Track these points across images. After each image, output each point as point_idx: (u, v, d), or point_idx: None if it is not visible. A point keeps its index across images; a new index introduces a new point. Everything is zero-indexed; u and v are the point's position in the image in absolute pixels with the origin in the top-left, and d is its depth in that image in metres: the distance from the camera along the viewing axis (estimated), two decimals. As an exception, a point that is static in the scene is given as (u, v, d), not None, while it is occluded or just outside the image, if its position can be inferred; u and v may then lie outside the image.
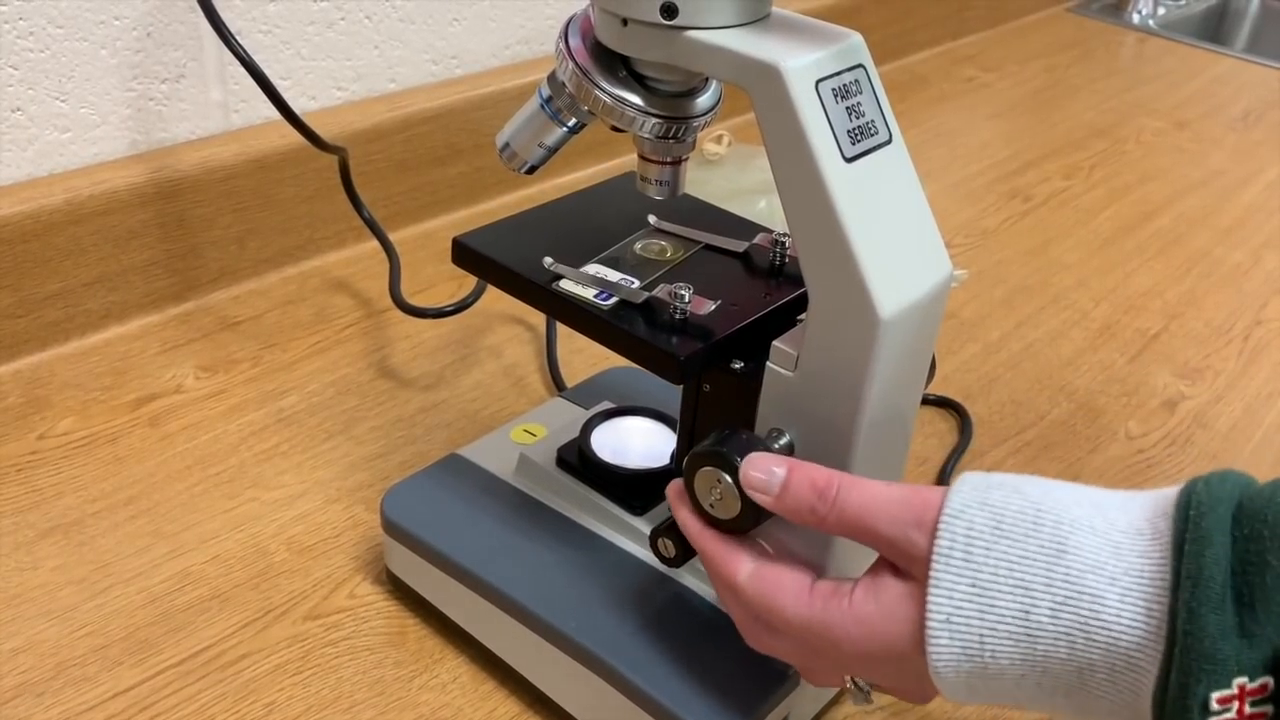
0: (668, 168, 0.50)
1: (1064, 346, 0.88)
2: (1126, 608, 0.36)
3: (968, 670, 0.39)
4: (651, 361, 0.48)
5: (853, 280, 0.43)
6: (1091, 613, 0.36)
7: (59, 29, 0.72)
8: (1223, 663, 0.34)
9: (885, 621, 0.41)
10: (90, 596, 0.59)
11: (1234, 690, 0.34)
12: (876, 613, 0.41)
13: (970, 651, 0.38)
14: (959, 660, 0.39)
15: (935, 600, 0.39)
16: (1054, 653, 0.37)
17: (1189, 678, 0.34)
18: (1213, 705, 0.34)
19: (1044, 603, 0.37)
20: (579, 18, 0.49)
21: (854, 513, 0.42)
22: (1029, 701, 0.39)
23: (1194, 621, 0.34)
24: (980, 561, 0.38)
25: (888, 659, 0.41)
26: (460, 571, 0.56)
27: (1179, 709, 0.34)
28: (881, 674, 0.43)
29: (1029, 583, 0.38)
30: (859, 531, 0.42)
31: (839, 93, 0.43)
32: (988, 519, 0.39)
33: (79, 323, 0.77)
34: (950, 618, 0.39)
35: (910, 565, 0.41)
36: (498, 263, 0.52)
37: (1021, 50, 1.52)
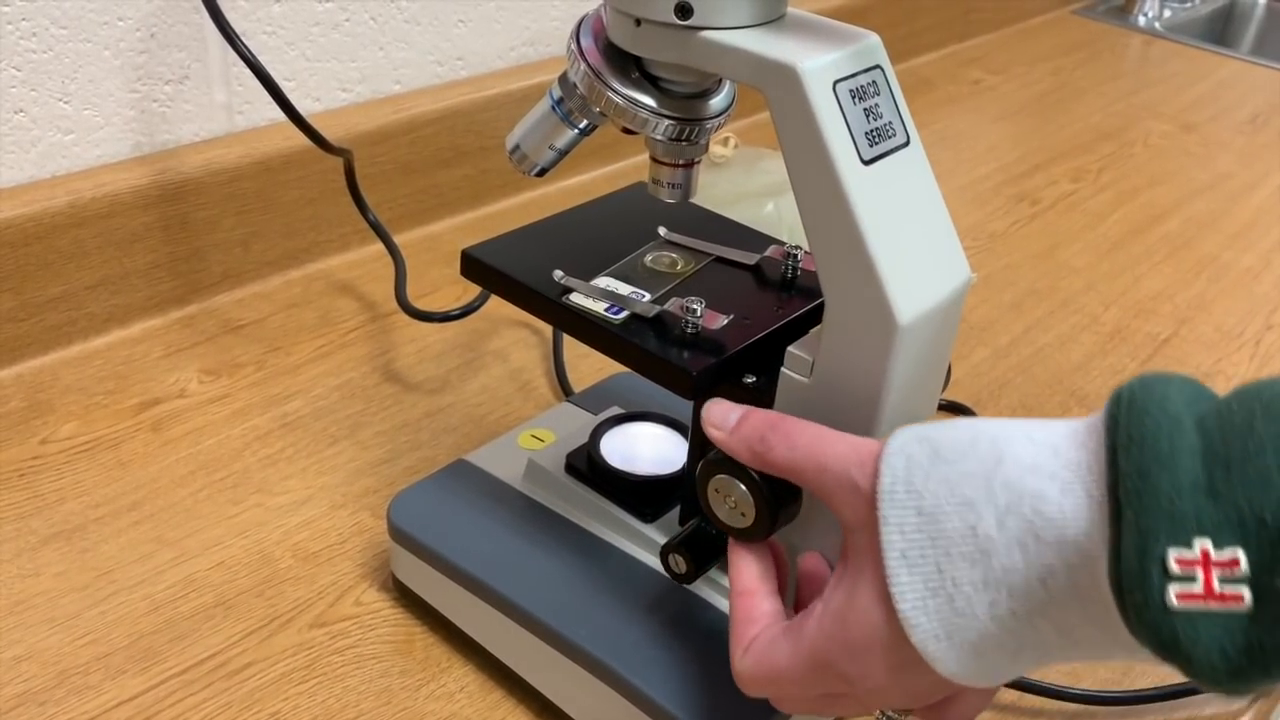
0: (680, 170, 0.49)
1: (1074, 351, 0.87)
2: (1069, 499, 0.34)
3: (935, 609, 0.37)
4: (663, 377, 0.47)
5: (870, 285, 0.42)
6: (1035, 511, 0.35)
7: (62, 30, 0.72)
8: (1180, 518, 0.32)
9: (851, 604, 0.40)
10: (93, 604, 0.59)
11: (1196, 553, 0.31)
12: (844, 599, 0.40)
13: (931, 584, 0.37)
14: (923, 597, 0.37)
15: (887, 537, 0.38)
16: (1011, 564, 0.35)
17: (1144, 537, 0.32)
18: (1172, 566, 0.32)
19: (988, 515, 0.36)
20: (591, 18, 0.48)
21: (803, 444, 0.42)
22: (1017, 645, 0.37)
23: (1144, 479, 0.32)
24: (921, 488, 0.37)
25: (873, 646, 0.39)
26: (468, 579, 0.55)
27: (1137, 576, 0.32)
28: (878, 675, 0.40)
29: (971, 498, 0.36)
30: (807, 467, 0.42)
31: (856, 94, 0.43)
32: (925, 449, 0.38)
33: (81, 326, 0.77)
34: (905, 553, 0.37)
35: (855, 515, 0.40)
36: (507, 275, 0.52)
37: (1027, 52, 1.51)
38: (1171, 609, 0.32)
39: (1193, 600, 0.31)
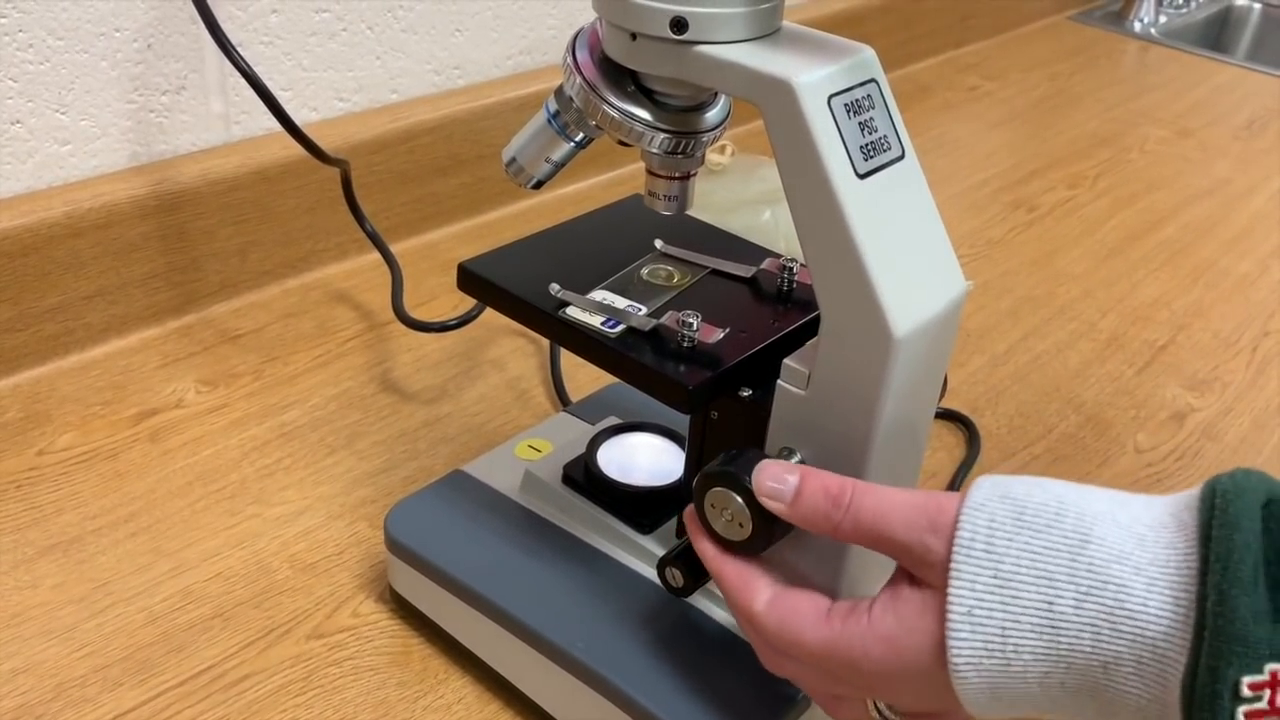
0: (676, 183, 0.49)
1: (1071, 358, 0.87)
2: (1153, 596, 0.35)
3: (989, 669, 0.37)
4: (660, 390, 0.47)
5: (866, 298, 0.42)
6: (1117, 602, 0.36)
7: (59, 41, 0.72)
8: (1254, 645, 0.33)
9: (905, 634, 0.40)
10: (90, 615, 0.59)
11: (1266, 676, 0.33)
12: (896, 626, 0.40)
13: (992, 646, 0.37)
14: (980, 656, 0.37)
15: (956, 592, 0.38)
16: (1078, 645, 0.36)
17: (1219, 661, 0.33)
18: (1244, 690, 0.33)
19: (1068, 593, 0.36)
20: (587, 31, 0.48)
21: (869, 518, 0.41)
22: (1052, 706, 0.38)
23: (1224, 603, 0.34)
24: (1002, 552, 0.38)
25: (909, 676, 0.40)
26: (465, 591, 0.55)
27: (1209, 695, 0.33)
28: (904, 694, 0.42)
29: (1052, 573, 0.37)
30: (874, 538, 0.41)
31: (851, 108, 0.43)
32: (1009, 510, 0.38)
33: (79, 336, 0.77)
34: (972, 610, 0.38)
35: (927, 573, 0.40)
36: (503, 289, 0.52)
37: (1024, 59, 1.51)
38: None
39: (1258, 718, 0.33)
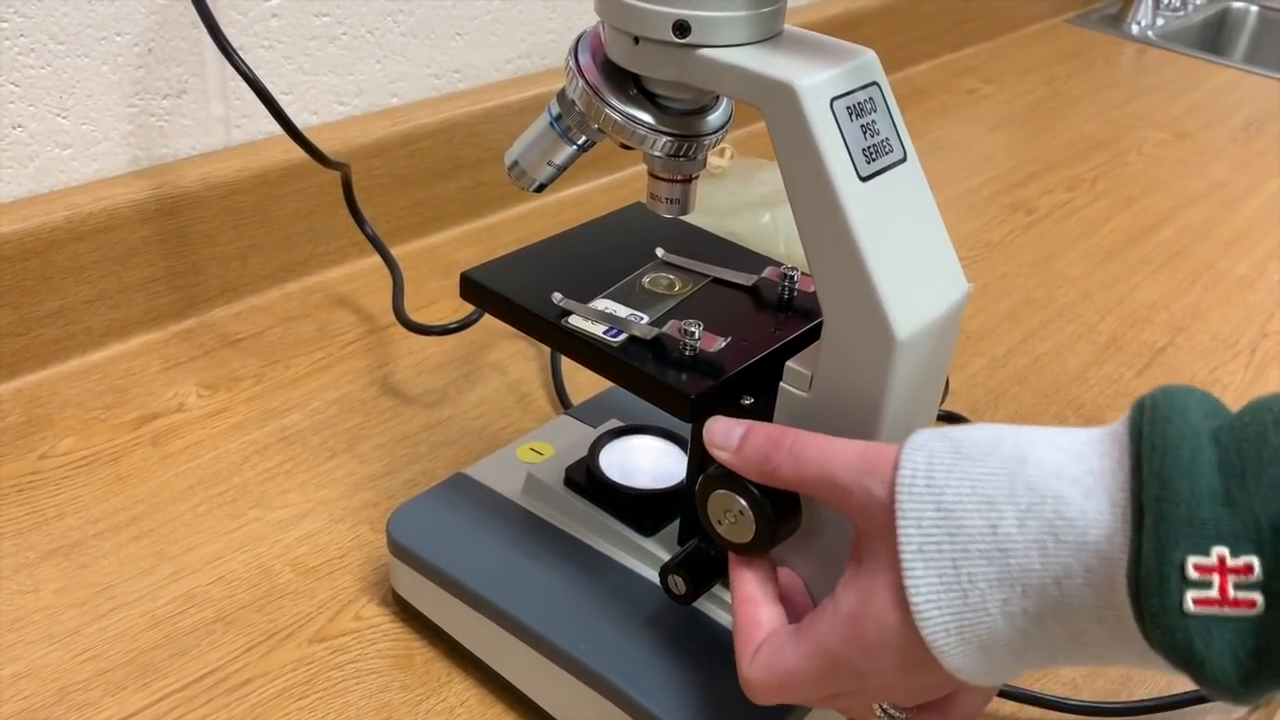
0: (678, 185, 0.50)
1: (1070, 360, 0.88)
2: (1090, 502, 0.35)
3: (949, 605, 0.37)
4: (662, 399, 0.47)
5: (869, 300, 0.42)
6: (1056, 514, 0.36)
7: (60, 45, 0.72)
8: (1199, 526, 0.33)
9: (866, 602, 0.40)
10: (93, 619, 0.59)
11: (1213, 560, 0.32)
12: (856, 598, 0.41)
13: (947, 579, 0.37)
14: (938, 592, 0.37)
15: (904, 531, 0.38)
16: (1028, 564, 0.36)
17: (1163, 543, 0.33)
18: (1190, 572, 0.32)
19: (1010, 514, 0.36)
20: (589, 35, 0.48)
21: (811, 458, 0.42)
22: (1025, 644, 0.37)
23: (1166, 487, 0.33)
24: (942, 484, 0.38)
25: (885, 645, 0.40)
26: (467, 594, 0.55)
27: (1155, 580, 0.33)
28: (889, 673, 0.41)
29: (992, 497, 0.37)
30: (815, 479, 0.42)
31: (854, 110, 0.43)
32: (947, 447, 0.39)
33: (80, 340, 0.77)
34: (921, 546, 0.38)
35: (870, 520, 0.40)
36: (506, 298, 0.52)
37: (1021, 61, 1.52)
38: (1188, 613, 0.32)
39: (1208, 605, 0.32)
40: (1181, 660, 0.33)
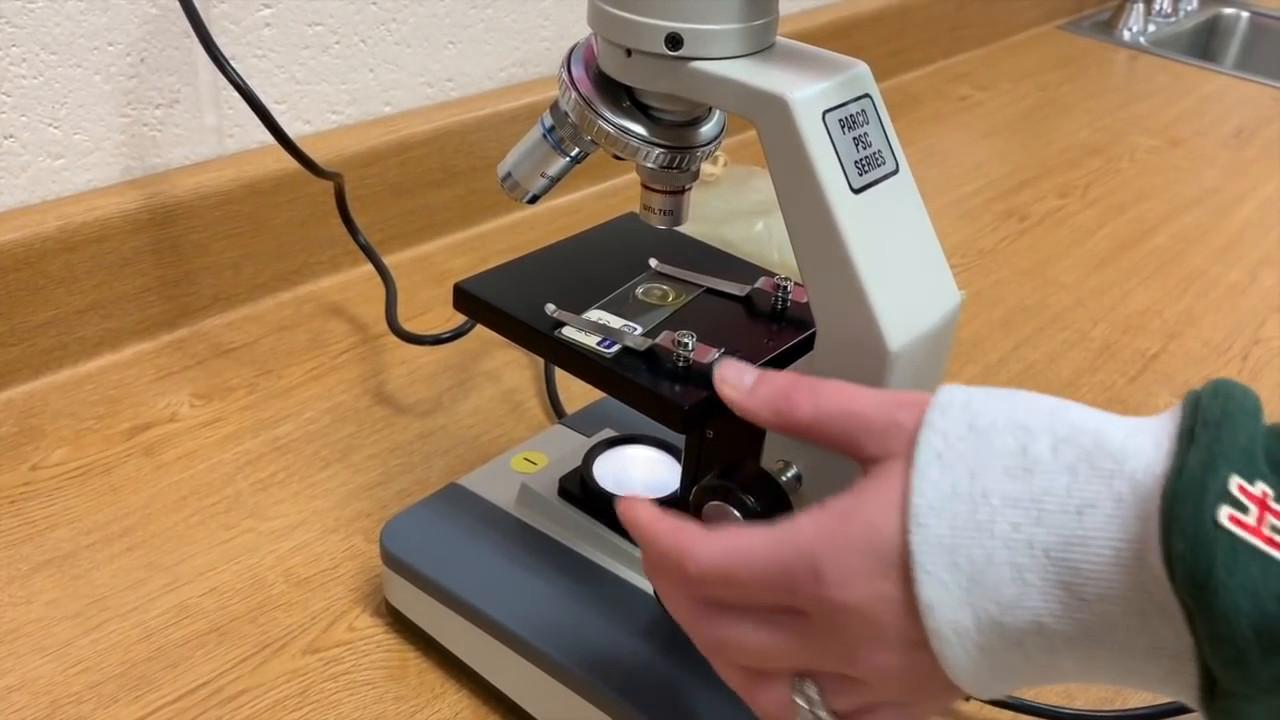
0: (671, 197, 0.50)
1: (1064, 368, 0.88)
2: (1134, 440, 0.33)
3: (953, 515, 0.34)
4: (655, 410, 0.47)
5: (862, 312, 0.42)
6: (1095, 444, 0.33)
7: (52, 55, 0.72)
8: (1253, 458, 0.31)
9: (861, 502, 0.36)
10: (85, 632, 0.59)
11: (1258, 492, 0.30)
12: (851, 499, 0.36)
13: (959, 488, 0.34)
14: (945, 499, 0.34)
15: (926, 438, 0.35)
16: (1053, 487, 0.33)
17: (1214, 458, 0.31)
18: (1233, 490, 0.30)
19: (1044, 440, 0.34)
20: (582, 47, 0.48)
21: (831, 396, 0.39)
22: (1013, 592, 0.33)
23: (1226, 417, 0.31)
24: (979, 409, 0.35)
25: (864, 550, 0.35)
26: (461, 605, 0.55)
27: (1195, 488, 0.30)
28: (854, 587, 0.36)
29: (1030, 424, 0.35)
30: (840, 416, 0.39)
31: (846, 123, 0.43)
32: (985, 391, 0.37)
33: (72, 351, 0.76)
34: (941, 453, 0.35)
35: (888, 448, 0.37)
36: (499, 309, 0.52)
37: (1014, 68, 1.52)
38: (1220, 525, 0.30)
39: (1242, 528, 0.30)
40: (1195, 584, 0.30)
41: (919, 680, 0.37)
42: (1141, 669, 0.33)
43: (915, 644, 0.35)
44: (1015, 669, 0.35)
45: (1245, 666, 0.30)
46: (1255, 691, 0.31)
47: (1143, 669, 0.33)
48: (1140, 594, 0.32)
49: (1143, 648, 0.32)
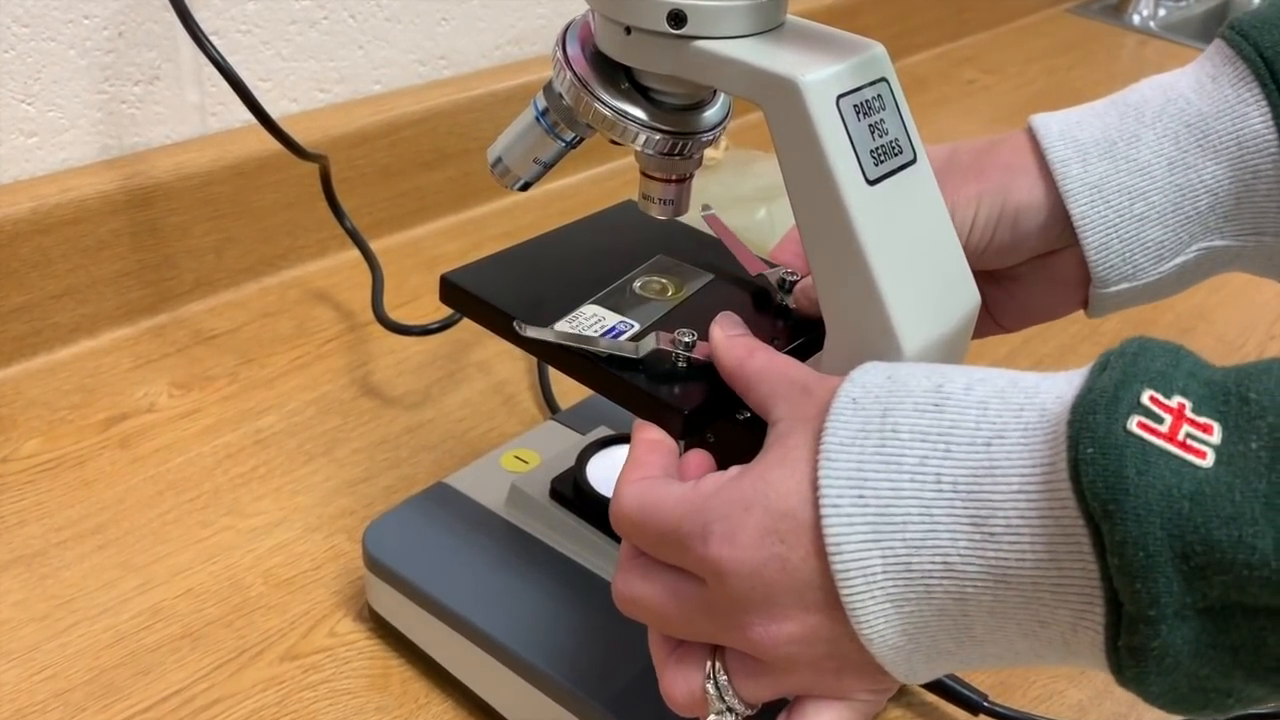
0: (672, 185, 0.47)
1: (1074, 363, 0.85)
2: (1046, 380, 0.33)
3: (861, 450, 0.34)
4: (653, 414, 0.44)
5: (875, 313, 0.39)
6: (1009, 382, 0.34)
7: (24, 28, 0.68)
8: (1167, 378, 0.30)
9: (760, 460, 0.37)
10: (53, 635, 0.56)
11: (1173, 404, 0.30)
12: (761, 459, 0.37)
13: (870, 427, 0.34)
14: (855, 436, 0.34)
15: (844, 389, 0.36)
16: (962, 420, 0.33)
17: (1126, 376, 0.30)
18: (1144, 401, 0.30)
19: (959, 380, 0.34)
20: (578, 23, 0.45)
21: (782, 362, 0.41)
22: (920, 530, 0.33)
23: (1144, 351, 0.31)
24: (900, 371, 0.36)
25: (755, 508, 0.35)
26: (446, 612, 0.52)
27: (1105, 401, 0.30)
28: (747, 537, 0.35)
29: (947, 371, 0.35)
30: (772, 378, 0.40)
31: (861, 109, 0.40)
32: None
33: (46, 337, 0.73)
34: (856, 399, 0.35)
35: (796, 409, 0.38)
36: (490, 304, 0.49)
37: (1022, 52, 1.49)
38: (1131, 431, 0.29)
39: (1154, 435, 0.29)
40: (1105, 487, 0.29)
41: (823, 657, 0.36)
42: (1051, 616, 0.32)
43: (810, 608, 0.35)
44: (930, 631, 0.34)
45: (1155, 578, 0.29)
46: (1164, 613, 0.29)
47: (1052, 615, 0.32)
48: (1046, 522, 0.31)
49: (1050, 586, 0.31)
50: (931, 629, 0.34)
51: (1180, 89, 0.48)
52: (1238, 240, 0.48)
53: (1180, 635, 0.29)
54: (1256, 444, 0.29)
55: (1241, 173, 0.46)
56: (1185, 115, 0.47)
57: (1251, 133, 0.45)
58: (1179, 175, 0.47)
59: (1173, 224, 0.47)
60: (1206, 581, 0.28)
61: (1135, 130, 0.48)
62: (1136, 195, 0.47)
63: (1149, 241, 0.48)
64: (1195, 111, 0.47)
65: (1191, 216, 0.47)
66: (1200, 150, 0.46)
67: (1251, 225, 0.47)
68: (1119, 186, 0.47)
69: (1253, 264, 0.49)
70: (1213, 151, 0.46)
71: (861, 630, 0.34)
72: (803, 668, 0.36)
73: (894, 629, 0.34)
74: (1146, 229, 0.47)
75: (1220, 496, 0.28)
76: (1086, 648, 0.32)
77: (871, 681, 0.37)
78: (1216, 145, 0.46)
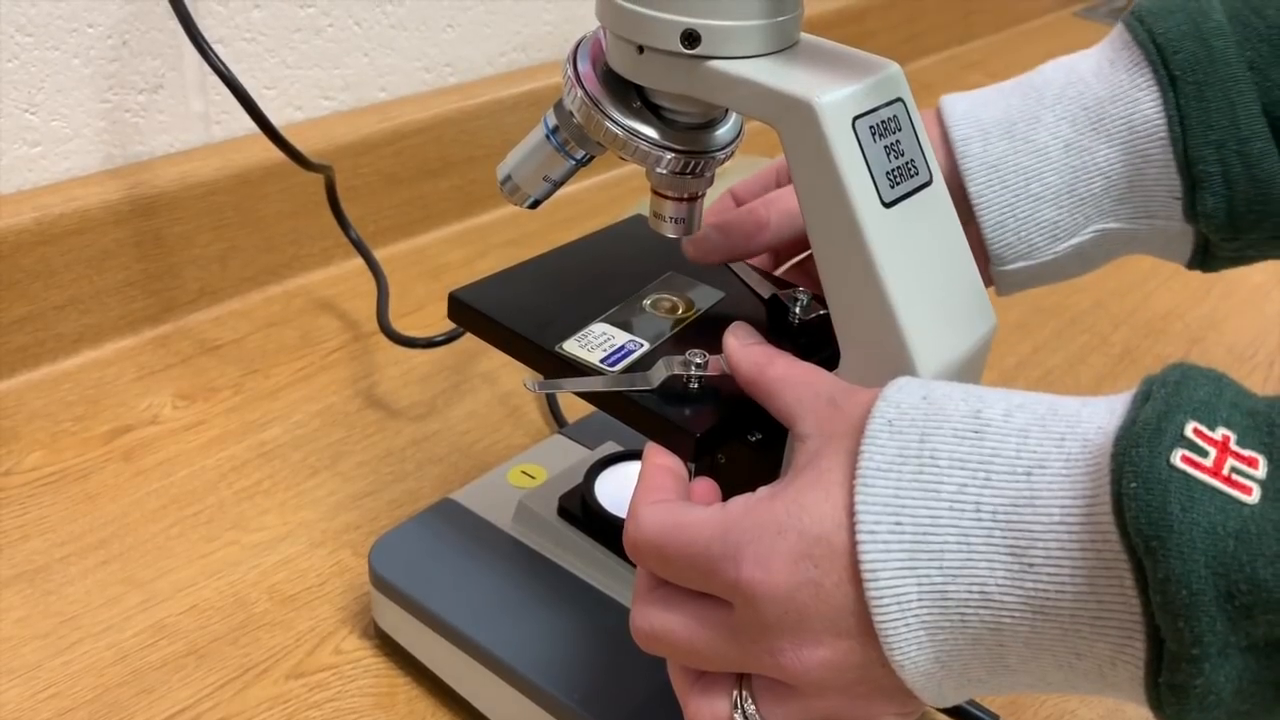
0: (684, 204, 0.46)
1: (1083, 373, 0.84)
2: (1088, 408, 0.33)
3: (900, 477, 0.33)
4: (663, 436, 0.43)
5: (891, 337, 0.39)
6: (1049, 409, 0.33)
7: (28, 37, 0.68)
8: (1212, 408, 0.30)
9: (793, 481, 0.36)
10: (56, 653, 0.55)
11: (1218, 436, 0.29)
12: (786, 484, 0.36)
13: (908, 452, 0.34)
14: (893, 462, 0.34)
15: (880, 409, 0.35)
16: (1002, 448, 0.33)
17: (1170, 407, 0.30)
18: (1188, 433, 0.29)
19: (998, 405, 0.34)
20: (589, 40, 0.45)
21: (802, 368, 0.41)
22: (958, 560, 0.32)
23: (1186, 379, 0.31)
24: (935, 388, 0.35)
25: (789, 531, 0.34)
26: (453, 631, 0.52)
27: (1148, 433, 0.30)
28: (779, 566, 0.34)
29: (984, 395, 0.35)
30: (796, 384, 0.39)
31: (877, 130, 0.39)
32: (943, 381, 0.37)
33: (50, 348, 0.73)
34: (893, 421, 0.34)
35: (823, 424, 0.37)
36: (498, 322, 0.48)
37: (1029, 56, 1.48)
38: (1175, 466, 0.29)
39: (1199, 469, 0.29)
40: (1149, 523, 0.28)
41: (854, 682, 0.35)
42: (1089, 649, 0.31)
43: (842, 633, 0.34)
44: (963, 659, 0.33)
45: (1198, 617, 0.28)
46: (1208, 652, 0.28)
47: (1090, 648, 0.31)
48: (1088, 554, 0.30)
49: (1088, 618, 0.31)
50: (965, 657, 0.33)
51: (1081, 72, 0.49)
52: (1131, 223, 0.49)
53: (1223, 674, 0.29)
54: None
55: (1132, 157, 0.47)
56: (1084, 99, 0.48)
57: (1142, 117, 0.46)
58: (1074, 157, 0.48)
59: (1068, 205, 0.48)
60: (1251, 620, 0.28)
61: (1035, 111, 0.49)
62: (1032, 175, 0.48)
63: (1044, 221, 0.49)
64: (1093, 95, 0.48)
65: (1086, 199, 0.48)
66: (1095, 133, 0.47)
67: (1143, 209, 0.48)
68: (1016, 166, 0.48)
69: (1149, 246, 0.51)
70: (1106, 135, 0.47)
71: (894, 657, 0.34)
72: (833, 693, 0.36)
73: (927, 656, 0.34)
74: (1042, 209, 0.48)
75: (1266, 535, 0.28)
76: (1125, 681, 0.31)
77: (899, 705, 0.36)
78: (1110, 129, 0.47)
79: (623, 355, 0.46)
